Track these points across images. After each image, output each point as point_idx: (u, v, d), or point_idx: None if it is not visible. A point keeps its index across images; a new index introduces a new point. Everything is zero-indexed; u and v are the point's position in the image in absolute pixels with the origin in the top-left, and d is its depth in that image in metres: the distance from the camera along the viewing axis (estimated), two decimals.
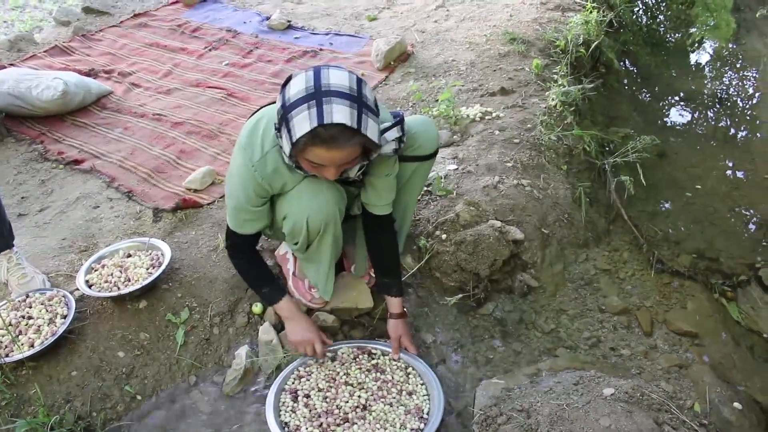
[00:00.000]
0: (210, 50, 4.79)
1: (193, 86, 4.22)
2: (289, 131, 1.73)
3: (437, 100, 3.71)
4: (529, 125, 3.44)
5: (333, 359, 2.31)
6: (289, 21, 5.16)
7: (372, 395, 2.15)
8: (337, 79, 1.71)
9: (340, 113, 1.66)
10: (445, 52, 4.46)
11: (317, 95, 1.67)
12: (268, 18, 5.27)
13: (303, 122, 1.68)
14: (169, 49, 4.87)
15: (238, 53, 4.70)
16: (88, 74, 4.44)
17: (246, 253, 2.26)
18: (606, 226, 3.15)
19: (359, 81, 1.76)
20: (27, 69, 4.25)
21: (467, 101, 3.75)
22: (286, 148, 1.78)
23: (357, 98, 1.71)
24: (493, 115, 3.54)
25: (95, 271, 2.57)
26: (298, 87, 1.71)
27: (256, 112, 2.08)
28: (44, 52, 4.92)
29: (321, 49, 4.63)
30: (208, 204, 3.02)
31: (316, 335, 2.26)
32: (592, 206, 3.19)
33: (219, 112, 3.84)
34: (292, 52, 4.62)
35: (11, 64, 4.64)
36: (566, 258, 2.85)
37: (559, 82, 3.90)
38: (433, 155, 2.25)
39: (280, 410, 2.12)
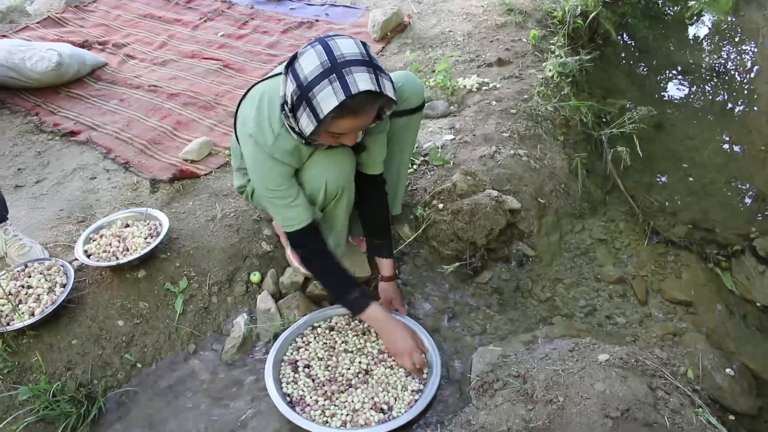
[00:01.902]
0: (205, 21, 4.75)
1: (188, 57, 4.20)
2: (312, 110, 1.72)
3: (434, 71, 3.70)
4: (525, 96, 3.44)
5: (331, 329, 2.32)
6: None
7: (373, 359, 2.18)
8: (348, 47, 1.72)
9: (363, 81, 1.67)
10: (441, 23, 4.44)
11: (336, 68, 1.68)
12: None
13: (329, 98, 1.67)
14: (163, 21, 4.83)
15: (233, 24, 4.67)
16: (82, 46, 4.41)
17: (318, 254, 2.15)
18: (602, 197, 3.17)
19: (365, 45, 1.77)
20: (20, 40, 4.21)
21: (464, 72, 3.74)
22: (308, 127, 1.77)
23: (370, 62, 1.72)
24: (490, 85, 3.53)
25: (93, 241, 2.57)
26: (312, 64, 1.70)
27: (248, 91, 2.07)
28: (37, 23, 4.88)
29: (317, 20, 4.60)
30: (205, 174, 3.02)
31: (414, 342, 2.14)
32: (588, 177, 3.21)
33: (215, 84, 3.83)
34: (287, 23, 4.58)
35: (3, 36, 4.60)
36: (562, 228, 2.87)
37: (557, 53, 3.89)
38: (421, 107, 2.26)
39: (281, 381, 2.14)
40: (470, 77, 3.62)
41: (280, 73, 1.95)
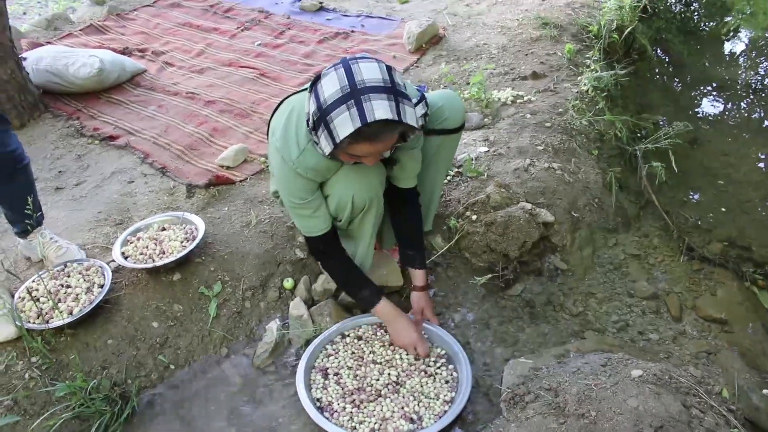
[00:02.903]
0: (242, 30, 4.83)
1: (225, 66, 4.27)
2: (330, 133, 1.73)
3: (468, 83, 3.71)
4: (560, 109, 3.43)
5: (359, 338, 2.33)
6: (320, 2, 5.17)
7: (404, 371, 2.18)
8: (369, 72, 1.71)
9: (380, 109, 1.67)
10: (476, 36, 4.45)
11: (354, 94, 1.68)
12: None
13: (345, 124, 1.68)
14: (201, 29, 4.91)
15: (270, 34, 4.73)
16: (122, 53, 4.50)
17: (334, 256, 2.22)
18: (636, 212, 3.14)
19: (389, 69, 1.76)
20: (63, 47, 4.32)
21: (498, 85, 3.75)
22: (327, 148, 1.79)
23: (392, 89, 1.71)
24: (525, 98, 3.53)
25: (131, 243, 2.62)
26: (332, 88, 1.71)
27: (280, 104, 2.10)
28: (80, 30, 5.00)
29: (353, 31, 4.65)
30: (241, 181, 3.06)
31: (418, 335, 2.23)
32: (622, 192, 3.18)
33: (251, 92, 3.88)
34: (323, 33, 4.64)
35: (48, 42, 4.72)
36: (596, 242, 2.85)
37: (592, 68, 3.87)
38: (460, 129, 2.27)
39: (311, 387, 2.15)
40: (505, 90, 3.62)
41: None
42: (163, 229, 2.67)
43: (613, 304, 2.59)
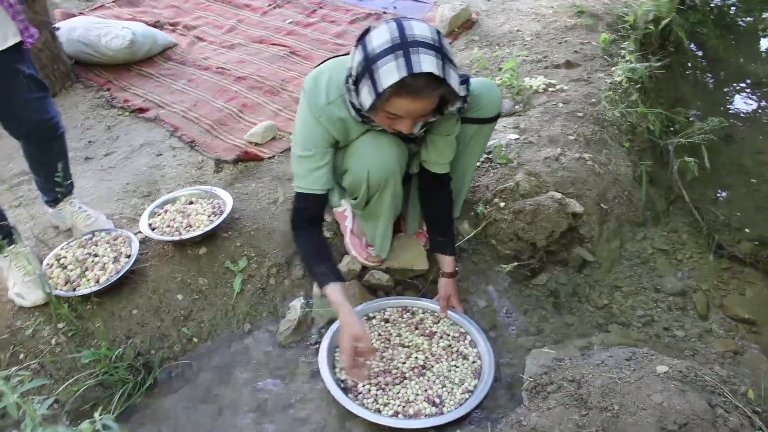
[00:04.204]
0: (274, 8, 4.80)
1: (256, 42, 4.26)
2: (373, 82, 1.72)
3: (501, 69, 3.67)
4: (593, 100, 3.38)
5: (386, 320, 2.33)
6: None
7: (433, 355, 2.18)
8: (421, 30, 1.71)
9: (427, 63, 1.66)
10: (510, 22, 4.39)
11: (404, 45, 1.67)
12: None
13: (391, 72, 1.67)
14: (233, 5, 4.90)
15: (301, 12, 4.71)
16: (154, 26, 4.50)
17: (309, 228, 2.13)
18: (665, 207, 3.10)
19: (439, 33, 1.76)
20: (96, 18, 4.34)
21: (531, 72, 3.70)
22: (367, 100, 1.77)
23: (440, 49, 1.71)
24: (557, 87, 3.49)
25: (158, 215, 2.64)
26: (382, 38, 1.71)
27: (318, 65, 2.09)
28: (112, 2, 5.01)
29: (385, 12, 4.61)
30: (269, 158, 3.06)
31: (364, 333, 1.99)
32: (652, 186, 3.14)
33: (282, 69, 3.87)
34: (355, 13, 4.60)
35: (81, 13, 4.73)
36: (623, 235, 2.82)
37: (626, 58, 3.81)
38: (495, 119, 2.24)
39: (335, 367, 2.16)
40: (537, 78, 3.58)
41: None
42: (191, 202, 2.68)
43: (638, 299, 2.57)
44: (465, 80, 1.94)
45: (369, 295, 2.44)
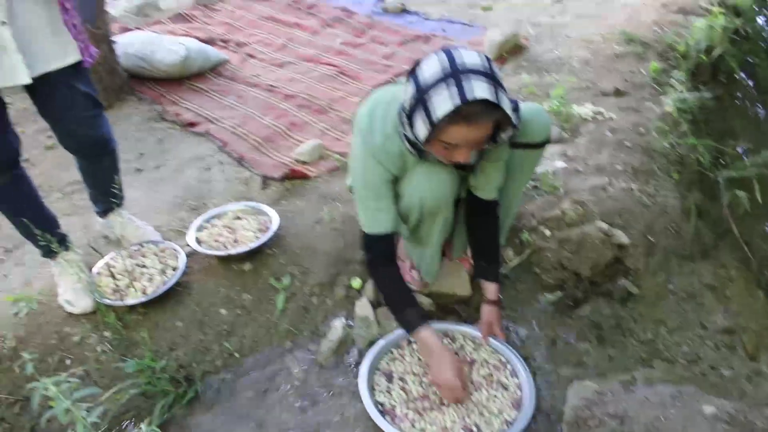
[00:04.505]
0: (324, 27, 4.88)
1: (306, 61, 4.33)
2: (427, 113, 1.73)
3: (549, 96, 3.66)
4: (641, 129, 3.35)
5: None
6: (403, 5, 5.19)
7: (472, 383, 2.16)
8: (470, 58, 1.72)
9: (480, 89, 1.67)
10: (559, 48, 4.38)
11: (455, 74, 1.68)
12: (383, 0, 5.32)
13: (444, 101, 1.68)
14: (284, 24, 4.99)
15: (351, 32, 4.77)
16: (207, 42, 4.61)
17: (386, 266, 2.13)
18: (714, 241, 3.03)
19: (489, 59, 1.77)
20: (152, 33, 4.46)
21: (579, 99, 3.68)
22: (422, 131, 1.78)
23: (491, 75, 1.72)
24: (606, 115, 3.46)
25: (205, 229, 2.69)
26: (432, 69, 1.72)
27: (368, 96, 2.11)
28: (168, 18, 5.15)
29: (434, 35, 4.64)
30: (315, 177, 3.10)
31: (462, 381, 2.05)
32: (701, 219, 3.08)
33: (330, 89, 3.92)
34: (404, 35, 4.65)
35: (138, 28, 4.87)
36: (670, 269, 2.76)
37: (677, 88, 3.77)
38: (544, 144, 2.23)
39: (374, 389, 2.15)
40: (585, 105, 3.55)
41: (403, 83, 1.99)
42: (238, 218, 2.73)
43: (684, 335, 2.51)
44: (515, 106, 1.94)
45: None
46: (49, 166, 3.51)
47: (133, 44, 4.17)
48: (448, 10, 5.24)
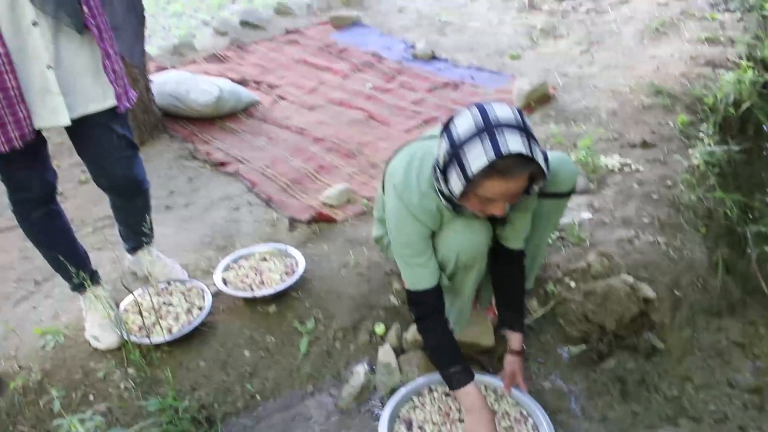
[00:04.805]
0: (355, 72, 4.97)
1: (336, 105, 4.40)
2: (462, 168, 1.75)
3: (576, 146, 3.68)
4: (669, 182, 3.35)
5: (447, 394, 2.31)
6: (433, 51, 5.27)
7: None
8: (503, 112, 1.75)
9: (514, 143, 1.69)
10: (586, 98, 4.42)
11: (489, 129, 1.70)
12: (413, 46, 5.41)
13: (479, 156, 1.70)
14: (316, 67, 5.09)
15: (381, 78, 4.85)
16: (239, 83, 4.72)
17: (434, 318, 2.13)
18: (742, 297, 2.99)
19: (521, 112, 1.79)
20: (187, 73, 4.57)
21: (606, 150, 3.69)
22: (457, 187, 1.80)
23: (524, 128, 1.74)
24: (633, 167, 3.46)
25: (232, 269, 2.71)
26: (466, 124, 1.75)
27: (400, 149, 2.14)
28: (202, 58, 5.28)
29: (462, 82, 4.70)
30: (342, 221, 3.12)
31: None
32: (729, 274, 3.05)
33: (359, 133, 3.98)
34: (433, 82, 4.72)
35: (173, 67, 5.00)
36: (697, 324, 2.73)
37: (705, 141, 3.77)
38: (570, 193, 2.25)
39: None
40: (612, 156, 3.56)
41: (435, 135, 2.01)
42: (265, 259, 2.75)
43: (711, 393, 2.47)
44: (544, 156, 1.96)
45: (434, 366, 2.43)
46: (82, 201, 3.58)
47: (168, 83, 4.28)
48: (477, 58, 5.31)
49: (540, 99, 4.33)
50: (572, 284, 2.62)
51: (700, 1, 6.22)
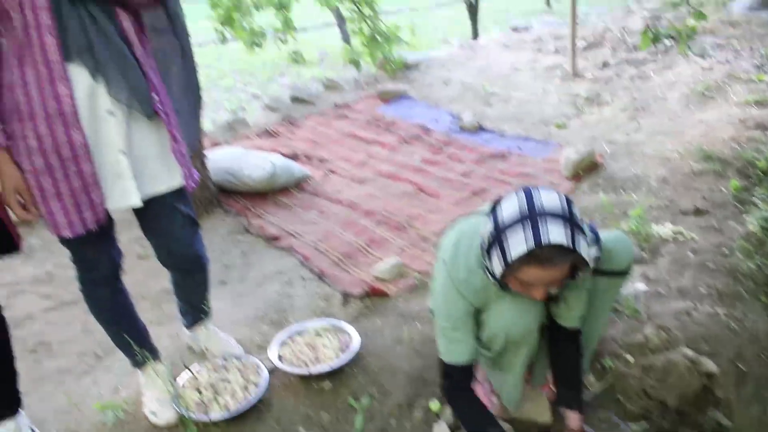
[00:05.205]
0: (403, 144, 5.07)
1: (385, 177, 4.48)
2: (503, 252, 1.79)
3: (626, 214, 3.66)
4: (725, 250, 3.29)
5: None
6: (479, 122, 5.36)
7: None
8: (549, 200, 1.78)
9: (556, 233, 1.71)
10: (635, 166, 4.41)
11: (532, 217, 1.74)
12: (459, 118, 5.52)
13: (519, 244, 1.74)
14: (364, 140, 5.22)
15: (429, 150, 4.94)
16: (291, 157, 4.85)
17: (464, 392, 2.18)
18: None
19: (569, 201, 1.81)
20: (240, 149, 4.73)
21: (658, 219, 3.66)
22: (497, 269, 1.83)
23: (569, 218, 1.76)
24: (686, 235, 3.42)
25: (287, 345, 2.75)
26: (511, 209, 1.79)
27: (453, 224, 2.18)
28: (255, 134, 5.46)
29: (510, 153, 4.75)
30: (395, 295, 3.15)
31: None
32: None
33: (409, 206, 4.04)
34: (481, 153, 4.78)
35: (227, 143, 5.18)
36: (765, 400, 2.64)
37: (760, 207, 3.71)
38: (627, 272, 2.23)
39: None
40: (664, 225, 3.53)
41: (485, 212, 2.05)
42: (319, 335, 2.78)
43: None
44: (595, 236, 1.97)
45: None
46: (141, 275, 3.68)
47: (222, 159, 4.43)
48: (524, 127, 5.37)
49: (588, 168, 4.34)
50: (630, 359, 2.57)
51: (745, 63, 6.22)
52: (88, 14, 1.97)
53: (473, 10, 11.73)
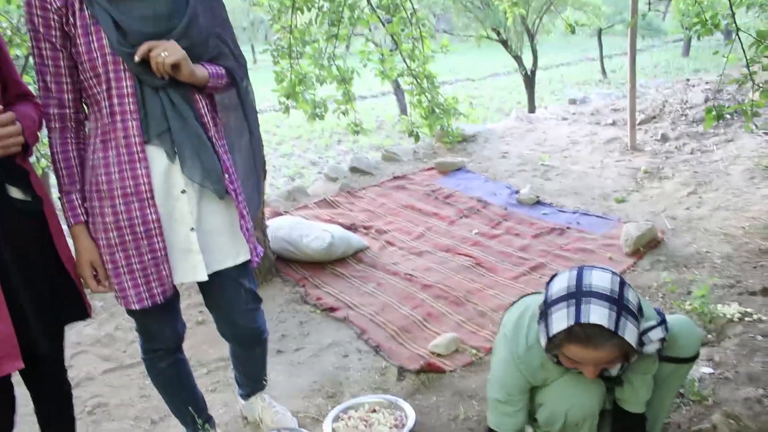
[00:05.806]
0: (461, 218, 5.10)
1: (443, 251, 4.50)
2: (547, 327, 1.84)
3: (689, 293, 3.57)
4: None
5: None
6: (537, 196, 5.36)
7: None
8: (599, 280, 1.80)
9: (596, 314, 1.73)
10: (697, 242, 4.32)
11: (577, 295, 1.78)
12: (517, 191, 5.52)
13: (560, 319, 1.78)
14: (422, 212, 5.26)
15: (487, 223, 4.95)
16: (349, 228, 4.92)
17: None
18: None
19: (622, 283, 1.83)
20: (300, 218, 4.83)
21: (722, 298, 3.56)
22: (543, 342, 1.88)
23: (617, 300, 1.77)
24: (754, 317, 3.31)
25: (341, 420, 2.74)
26: (560, 285, 1.84)
27: (518, 300, 2.19)
28: (314, 203, 5.58)
29: (568, 227, 4.72)
30: (451, 371, 3.12)
31: None
32: None
33: (466, 280, 4.03)
34: (539, 227, 4.76)
35: (287, 212, 5.30)
36: None
37: None
38: (693, 359, 2.18)
39: None
40: (730, 305, 3.43)
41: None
42: (374, 410, 2.77)
43: None
44: (663, 320, 1.95)
45: None
46: (199, 341, 3.74)
47: (282, 228, 4.53)
48: (582, 202, 5.34)
49: (649, 244, 4.27)
50: None
51: None
52: (168, 99, 2.10)
53: (529, 81, 11.89)
